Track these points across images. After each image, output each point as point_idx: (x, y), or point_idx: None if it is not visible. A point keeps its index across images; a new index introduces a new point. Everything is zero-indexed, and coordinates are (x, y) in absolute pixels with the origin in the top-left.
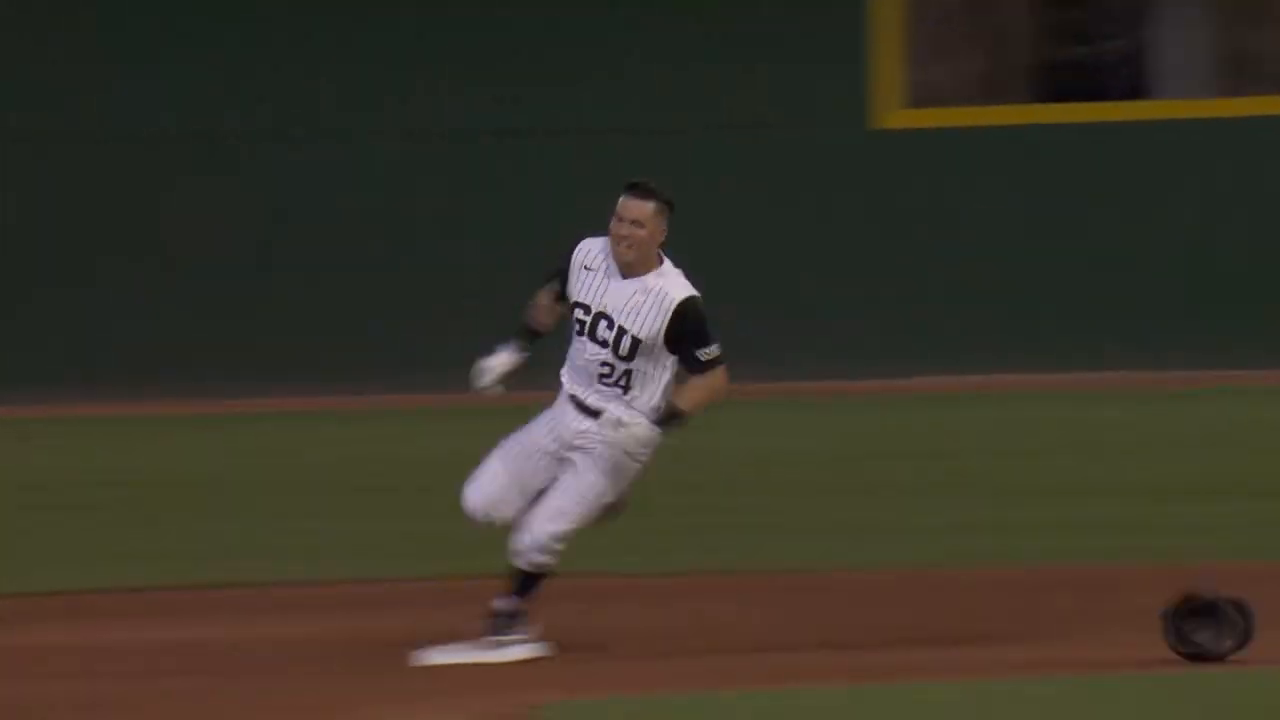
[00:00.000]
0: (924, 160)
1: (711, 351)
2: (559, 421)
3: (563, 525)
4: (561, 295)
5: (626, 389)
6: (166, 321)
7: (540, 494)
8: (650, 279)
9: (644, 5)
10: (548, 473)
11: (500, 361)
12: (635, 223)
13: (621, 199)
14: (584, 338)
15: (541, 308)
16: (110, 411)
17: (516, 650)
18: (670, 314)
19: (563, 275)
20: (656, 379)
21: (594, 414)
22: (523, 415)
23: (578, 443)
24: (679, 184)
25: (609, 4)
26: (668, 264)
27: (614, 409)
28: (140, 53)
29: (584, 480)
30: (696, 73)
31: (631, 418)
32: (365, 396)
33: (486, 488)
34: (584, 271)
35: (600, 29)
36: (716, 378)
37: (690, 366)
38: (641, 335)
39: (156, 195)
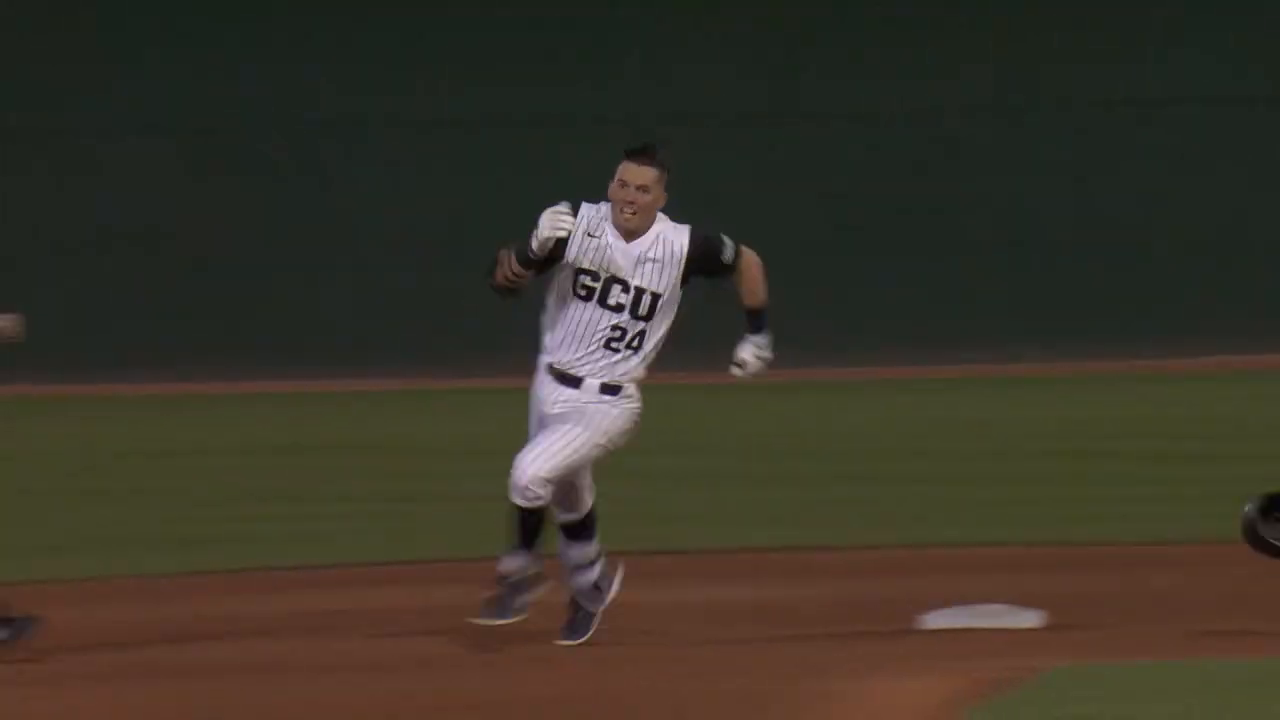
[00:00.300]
0: None
1: (729, 248)
2: (540, 399)
3: (543, 466)
4: (543, 267)
5: (638, 349)
6: None
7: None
8: (651, 237)
9: None
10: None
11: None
12: (641, 188)
13: (625, 164)
14: (592, 303)
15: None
16: None
17: (1027, 617)
18: (685, 258)
19: (556, 243)
20: (662, 331)
21: (575, 382)
22: None
23: (555, 411)
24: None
25: None
26: (661, 217)
27: (597, 379)
28: None
29: (565, 427)
30: None
31: (618, 384)
32: None
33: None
34: (587, 238)
35: None
36: (749, 259)
37: (725, 273)
38: (662, 290)
39: None
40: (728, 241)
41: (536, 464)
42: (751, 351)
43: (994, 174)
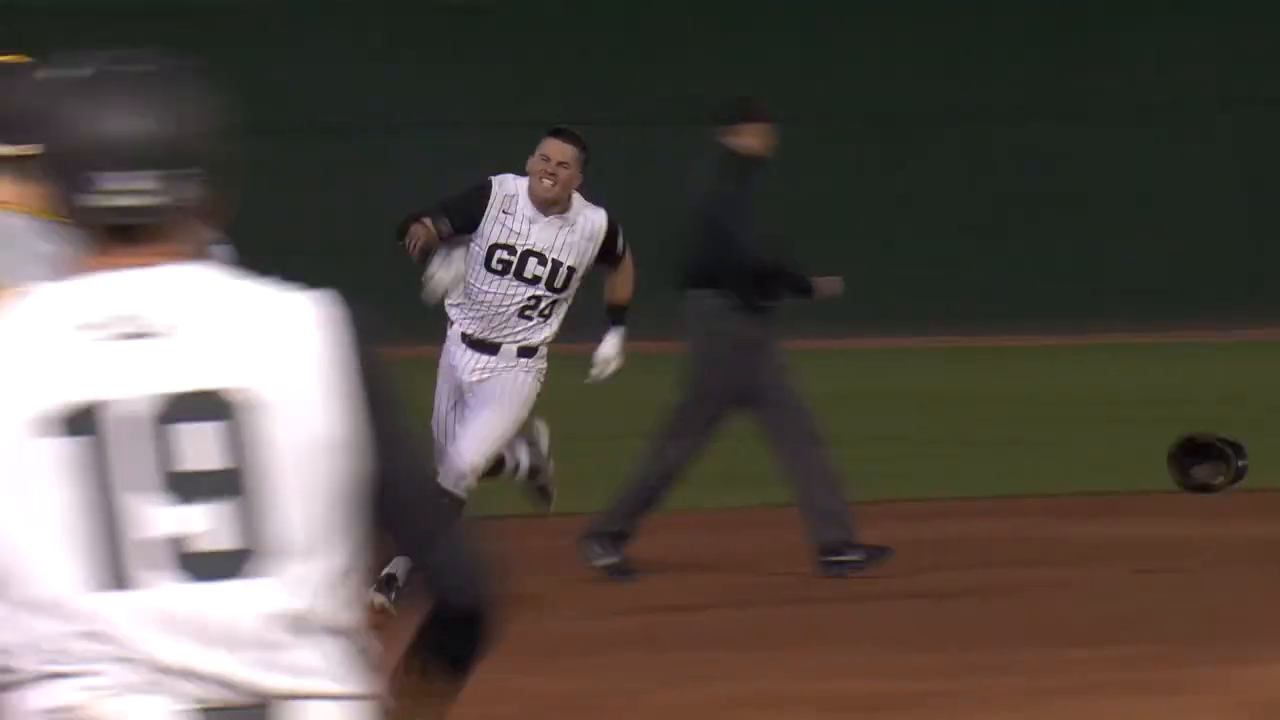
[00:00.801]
0: None
1: (623, 239)
2: (453, 368)
3: (483, 453)
4: (454, 231)
5: (548, 318)
6: None
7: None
8: (570, 215)
9: None
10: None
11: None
12: (562, 164)
13: (547, 140)
14: (508, 277)
15: (435, 233)
16: None
17: None
18: (604, 235)
19: (465, 213)
20: (567, 304)
21: (493, 348)
22: None
23: (474, 379)
24: None
25: None
26: (576, 197)
27: (513, 344)
28: None
29: (495, 404)
30: None
31: (534, 347)
32: None
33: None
34: (502, 215)
35: None
36: (628, 261)
37: (613, 262)
38: (578, 264)
39: None
40: (622, 232)
41: (475, 455)
42: (615, 347)
43: None
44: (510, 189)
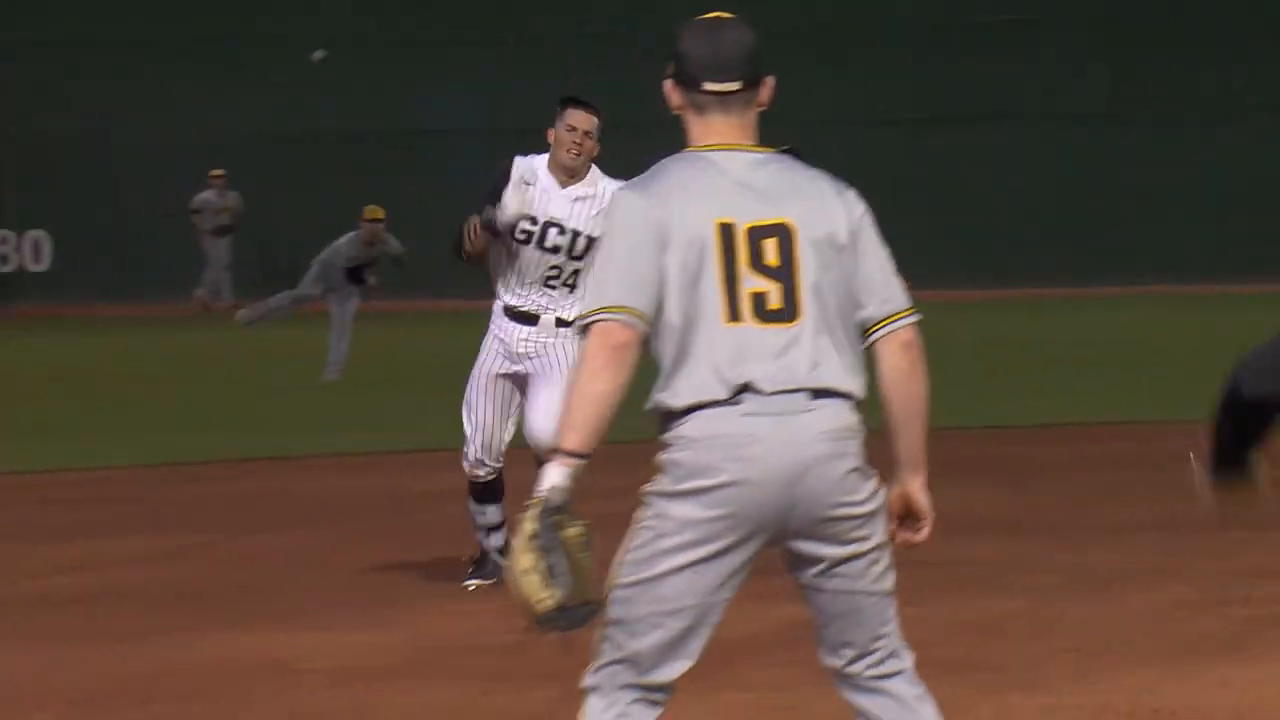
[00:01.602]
0: None
1: None
2: (501, 340)
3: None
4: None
5: (573, 287)
6: None
7: (519, 408)
8: (586, 185)
9: None
10: (515, 390)
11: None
12: (587, 133)
13: (570, 110)
14: (530, 246)
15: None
16: None
17: None
18: None
19: (495, 196)
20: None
21: (533, 319)
22: None
23: (522, 350)
24: None
25: None
26: (594, 168)
27: (550, 314)
28: None
29: (554, 380)
30: None
31: (567, 319)
32: None
33: (486, 436)
34: (523, 186)
35: None
36: None
37: None
38: (595, 233)
39: None
40: None
41: (550, 430)
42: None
43: None
44: (530, 164)
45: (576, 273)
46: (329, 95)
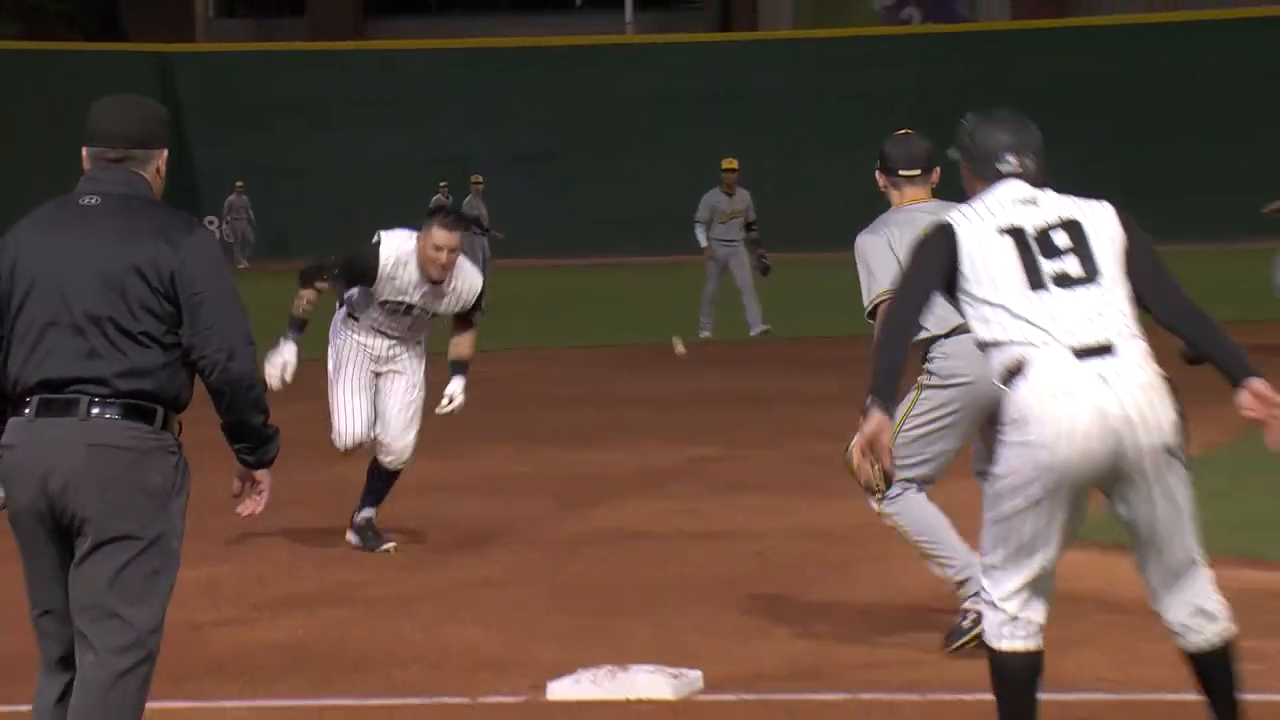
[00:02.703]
0: None
1: (483, 310)
2: (370, 347)
3: (415, 430)
4: (329, 286)
5: (426, 326)
6: None
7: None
8: (455, 281)
9: None
10: (378, 389)
11: (290, 355)
12: (452, 250)
13: (437, 230)
14: (398, 314)
15: (309, 303)
16: None
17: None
18: (474, 297)
19: (351, 278)
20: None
21: (398, 339)
22: None
23: (390, 354)
24: None
25: None
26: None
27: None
28: None
29: (410, 392)
30: None
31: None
32: None
33: (358, 422)
34: (390, 280)
35: None
36: (477, 324)
37: (468, 319)
38: (455, 311)
39: None
40: (485, 299)
41: (408, 436)
42: (460, 387)
43: None
44: (399, 256)
45: (429, 323)
46: None
